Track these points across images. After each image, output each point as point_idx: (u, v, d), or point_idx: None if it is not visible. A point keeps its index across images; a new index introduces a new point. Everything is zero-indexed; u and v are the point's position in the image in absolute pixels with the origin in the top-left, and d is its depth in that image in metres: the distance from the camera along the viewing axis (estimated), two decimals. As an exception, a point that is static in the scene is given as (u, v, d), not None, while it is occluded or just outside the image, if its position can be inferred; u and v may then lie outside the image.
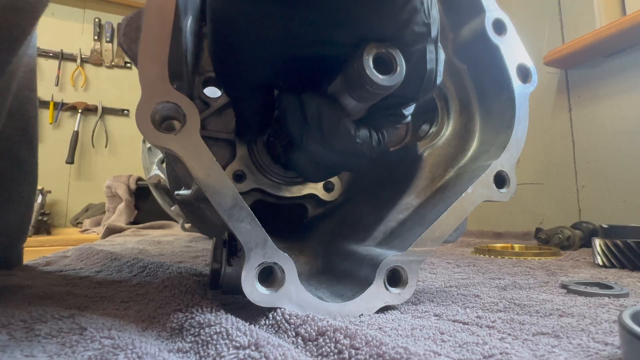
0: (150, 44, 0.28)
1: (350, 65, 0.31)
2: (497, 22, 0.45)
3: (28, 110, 0.57)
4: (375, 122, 0.37)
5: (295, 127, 0.36)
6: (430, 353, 0.25)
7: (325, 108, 0.35)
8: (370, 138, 0.36)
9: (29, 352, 0.24)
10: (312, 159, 0.38)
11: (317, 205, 0.53)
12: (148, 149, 1.37)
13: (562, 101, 1.39)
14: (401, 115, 0.37)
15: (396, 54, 0.30)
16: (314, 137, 0.35)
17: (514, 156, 0.43)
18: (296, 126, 0.36)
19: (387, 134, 0.37)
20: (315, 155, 0.37)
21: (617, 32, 1.11)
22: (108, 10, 2.80)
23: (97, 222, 2.20)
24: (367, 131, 0.36)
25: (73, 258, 0.74)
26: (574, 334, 0.30)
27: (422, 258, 0.38)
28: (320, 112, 0.34)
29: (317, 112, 0.35)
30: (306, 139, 0.36)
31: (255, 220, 0.31)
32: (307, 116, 0.35)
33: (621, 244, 0.64)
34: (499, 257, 0.81)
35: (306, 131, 0.35)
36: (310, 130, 0.35)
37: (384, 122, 0.37)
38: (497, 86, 0.46)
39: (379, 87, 0.30)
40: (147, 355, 0.24)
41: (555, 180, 1.40)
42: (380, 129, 0.37)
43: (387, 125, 0.37)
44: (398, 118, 0.37)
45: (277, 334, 0.30)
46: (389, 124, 0.37)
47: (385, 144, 0.37)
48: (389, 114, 0.37)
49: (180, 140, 0.29)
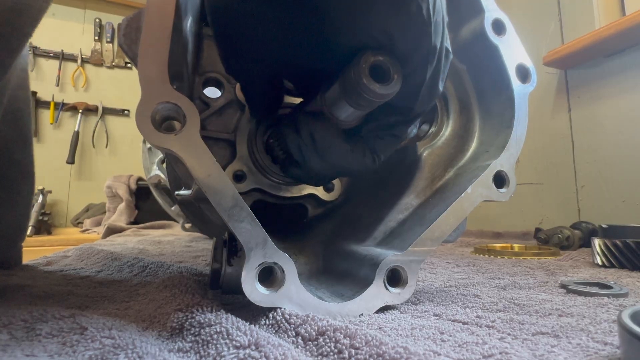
0: (151, 45, 0.29)
1: (348, 72, 0.31)
2: (496, 22, 0.45)
3: (21, 109, 0.57)
4: (372, 143, 0.38)
5: (295, 148, 0.38)
6: (430, 353, 0.25)
7: (317, 130, 0.37)
8: (365, 157, 0.38)
9: (30, 351, 0.25)
10: (312, 172, 0.40)
11: (317, 205, 0.53)
12: (148, 149, 1.37)
13: (562, 101, 1.39)
14: (400, 136, 0.37)
15: (393, 63, 0.30)
16: (312, 156, 0.38)
17: (514, 156, 0.43)
18: (295, 147, 0.38)
19: (383, 154, 0.38)
20: (314, 170, 0.39)
21: (617, 32, 1.11)
22: (108, 10, 2.80)
23: (97, 222, 2.20)
24: (361, 151, 0.37)
25: (74, 258, 0.74)
26: (573, 334, 0.30)
27: (421, 258, 0.38)
28: (314, 136, 0.37)
29: (311, 136, 0.37)
30: (306, 156, 0.38)
31: (255, 220, 0.31)
32: (303, 137, 0.37)
33: (620, 244, 0.64)
34: (498, 257, 0.81)
35: (305, 150, 0.38)
36: (308, 149, 0.37)
37: (381, 144, 0.38)
38: (497, 86, 0.46)
39: (376, 95, 0.30)
40: (147, 355, 0.24)
41: (555, 180, 1.40)
42: (375, 151, 0.38)
43: (384, 147, 0.38)
44: (396, 139, 0.38)
45: (277, 334, 0.30)
46: (387, 145, 0.38)
47: (381, 162, 0.39)
48: (388, 135, 0.37)
49: (180, 140, 0.29)
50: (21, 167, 0.59)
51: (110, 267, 0.61)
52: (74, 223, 2.41)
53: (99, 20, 2.76)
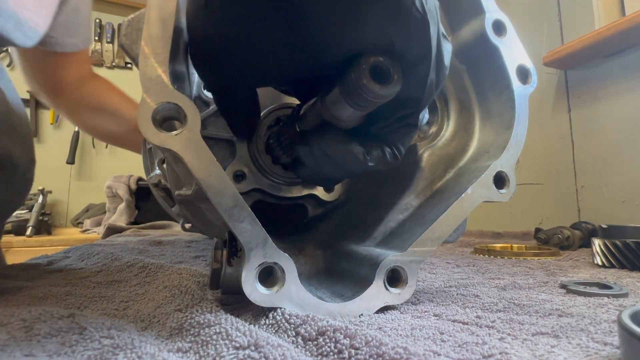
0: (151, 45, 0.29)
1: (348, 74, 0.31)
2: (496, 23, 0.45)
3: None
4: (388, 137, 0.37)
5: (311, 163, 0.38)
6: (430, 353, 0.25)
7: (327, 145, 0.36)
8: (384, 155, 0.36)
9: (29, 351, 0.25)
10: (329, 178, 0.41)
11: (317, 205, 0.53)
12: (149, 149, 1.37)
13: (562, 102, 1.39)
14: (415, 125, 0.36)
15: (393, 63, 0.30)
16: (329, 169, 0.38)
17: (514, 156, 0.43)
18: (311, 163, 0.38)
19: (403, 146, 0.37)
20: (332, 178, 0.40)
21: (617, 32, 1.11)
22: (109, 10, 2.81)
23: (97, 222, 2.20)
24: (379, 150, 0.36)
25: (73, 258, 0.74)
26: (573, 334, 0.30)
27: (421, 258, 0.38)
28: (326, 152, 0.37)
29: (323, 152, 0.37)
30: (324, 170, 0.38)
31: (255, 220, 0.31)
32: (316, 156, 0.37)
33: (620, 244, 0.64)
34: (498, 257, 0.81)
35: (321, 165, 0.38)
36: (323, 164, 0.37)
37: (397, 136, 0.37)
38: (497, 87, 0.46)
39: (377, 96, 0.30)
40: (146, 355, 0.24)
41: (555, 180, 1.40)
42: (394, 143, 0.37)
43: (402, 138, 0.37)
44: (412, 128, 0.36)
45: (277, 334, 0.30)
46: (404, 136, 0.37)
47: (402, 155, 0.38)
48: (401, 126, 0.36)
49: (181, 140, 0.29)
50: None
51: (110, 267, 0.61)
52: (74, 223, 2.41)
53: (99, 20, 2.76)
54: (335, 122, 0.35)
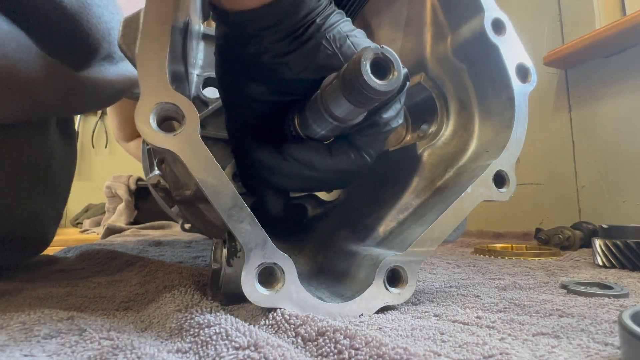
0: (149, 45, 0.28)
1: (348, 70, 0.31)
2: (496, 22, 0.45)
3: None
4: (358, 140, 0.38)
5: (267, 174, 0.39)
6: (430, 353, 0.25)
7: (266, 152, 0.38)
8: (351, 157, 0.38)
9: (29, 351, 0.24)
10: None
11: (317, 205, 0.53)
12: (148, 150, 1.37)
13: (562, 101, 1.39)
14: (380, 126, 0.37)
15: (393, 58, 0.30)
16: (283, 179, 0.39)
17: (514, 156, 0.43)
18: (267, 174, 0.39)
19: (372, 149, 0.39)
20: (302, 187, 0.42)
21: (617, 32, 1.11)
22: (108, 10, 2.80)
23: (97, 223, 2.20)
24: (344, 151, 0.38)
25: (73, 258, 0.74)
26: (574, 334, 0.30)
27: (421, 258, 0.38)
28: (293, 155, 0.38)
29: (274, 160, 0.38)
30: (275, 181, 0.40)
31: (255, 220, 0.31)
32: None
33: (621, 244, 0.64)
34: (499, 257, 0.81)
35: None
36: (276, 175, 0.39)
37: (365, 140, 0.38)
38: (497, 86, 0.46)
39: (377, 92, 0.30)
40: (146, 356, 0.24)
41: (555, 180, 1.40)
42: (362, 147, 0.38)
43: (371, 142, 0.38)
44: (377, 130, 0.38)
45: (277, 334, 0.30)
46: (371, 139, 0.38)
47: (369, 159, 0.39)
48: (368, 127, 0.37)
49: (179, 140, 0.29)
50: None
51: (110, 267, 0.61)
52: (73, 223, 2.41)
53: (98, 20, 2.76)
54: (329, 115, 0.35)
